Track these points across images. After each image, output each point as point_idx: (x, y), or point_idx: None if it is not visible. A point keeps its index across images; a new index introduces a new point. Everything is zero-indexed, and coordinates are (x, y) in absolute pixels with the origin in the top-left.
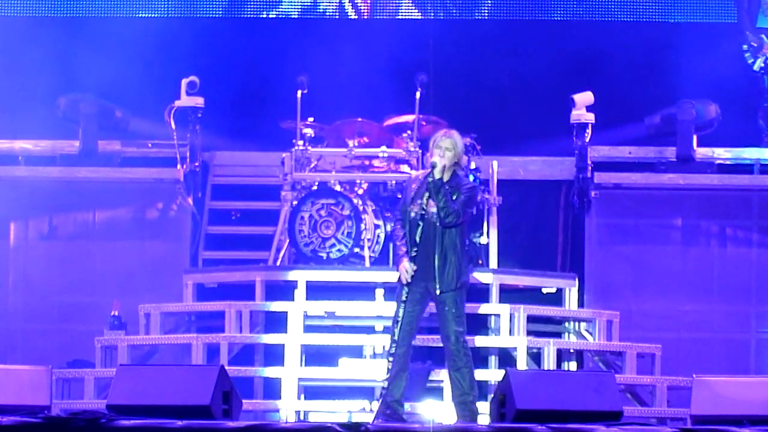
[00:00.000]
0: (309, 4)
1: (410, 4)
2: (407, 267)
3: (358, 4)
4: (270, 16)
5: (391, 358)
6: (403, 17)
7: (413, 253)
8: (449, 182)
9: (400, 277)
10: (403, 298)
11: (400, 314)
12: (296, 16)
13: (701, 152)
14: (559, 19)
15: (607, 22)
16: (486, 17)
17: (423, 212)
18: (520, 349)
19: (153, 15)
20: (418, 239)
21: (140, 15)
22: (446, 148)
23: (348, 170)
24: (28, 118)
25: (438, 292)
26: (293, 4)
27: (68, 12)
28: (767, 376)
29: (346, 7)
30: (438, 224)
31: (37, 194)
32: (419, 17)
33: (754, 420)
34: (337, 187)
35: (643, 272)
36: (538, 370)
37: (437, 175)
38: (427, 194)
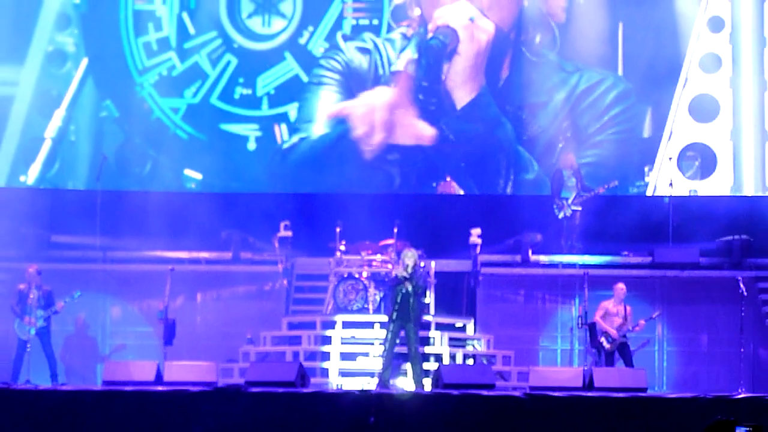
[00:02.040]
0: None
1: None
2: None
3: None
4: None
5: (383, 358)
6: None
7: (397, 306)
8: (413, 274)
9: (390, 316)
10: (392, 329)
11: (389, 337)
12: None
13: (533, 257)
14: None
15: (485, 195)
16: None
17: (403, 289)
18: (445, 354)
19: (271, 192)
20: (399, 301)
21: (259, 192)
22: (410, 258)
23: (361, 267)
24: (206, 241)
25: (411, 326)
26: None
27: (221, 189)
28: (570, 367)
29: None
30: (410, 293)
31: (211, 279)
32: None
33: (561, 389)
34: (356, 275)
35: (506, 316)
36: (454, 363)
37: (410, 271)
38: (404, 280)
